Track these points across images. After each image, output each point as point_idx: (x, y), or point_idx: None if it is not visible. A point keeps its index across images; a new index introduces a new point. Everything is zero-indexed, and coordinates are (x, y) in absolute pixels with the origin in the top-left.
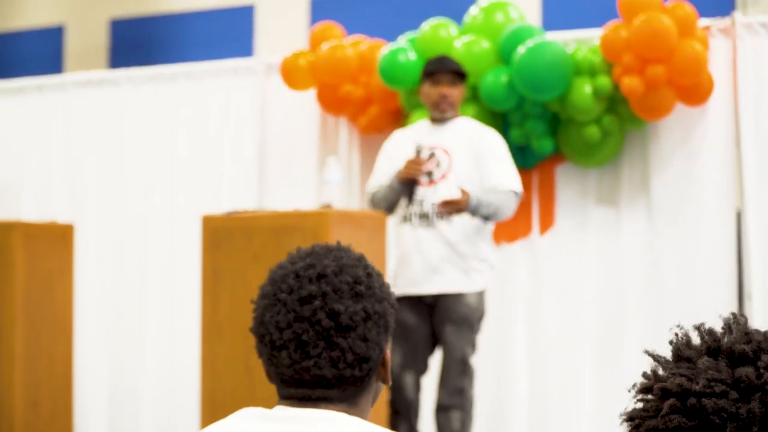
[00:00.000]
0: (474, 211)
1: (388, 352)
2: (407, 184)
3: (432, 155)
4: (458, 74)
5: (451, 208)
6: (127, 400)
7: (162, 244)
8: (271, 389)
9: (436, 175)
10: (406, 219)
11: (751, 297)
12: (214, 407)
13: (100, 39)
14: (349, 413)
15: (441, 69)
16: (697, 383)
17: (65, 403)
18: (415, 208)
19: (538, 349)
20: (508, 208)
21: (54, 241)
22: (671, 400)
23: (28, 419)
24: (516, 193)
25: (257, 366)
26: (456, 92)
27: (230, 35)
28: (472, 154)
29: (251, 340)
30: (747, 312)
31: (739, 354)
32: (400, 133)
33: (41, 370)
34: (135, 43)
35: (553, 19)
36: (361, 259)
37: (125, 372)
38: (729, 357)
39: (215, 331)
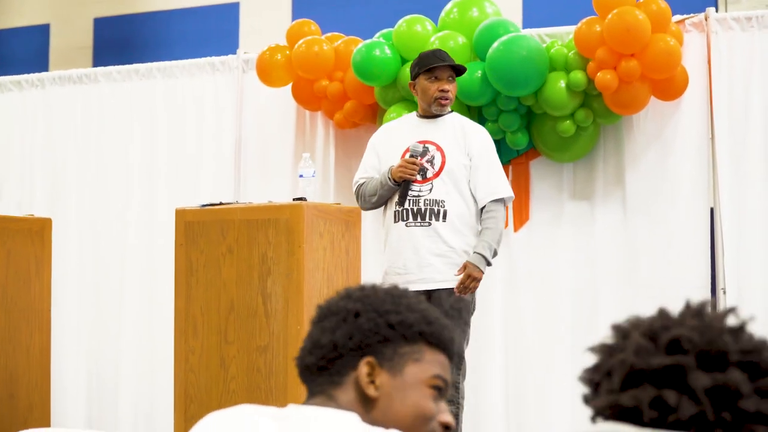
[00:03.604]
0: (489, 261)
1: (365, 366)
2: (401, 184)
3: (426, 150)
4: (457, 70)
5: (473, 286)
6: (105, 393)
7: (140, 239)
8: (244, 383)
9: (430, 172)
10: (399, 216)
11: (725, 291)
12: (188, 401)
13: (85, 37)
14: (328, 405)
15: (441, 64)
16: (671, 320)
17: (42, 396)
18: (409, 206)
19: (515, 342)
20: (502, 222)
21: (32, 235)
22: (640, 331)
23: (5, 412)
24: (503, 199)
25: (231, 360)
26: (453, 88)
27: (215, 33)
28: (462, 151)
29: (225, 334)
30: (721, 305)
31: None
32: (388, 127)
33: (18, 363)
34: (120, 42)
35: (533, 17)
36: (406, 294)
37: (103, 365)
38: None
39: (190, 324)
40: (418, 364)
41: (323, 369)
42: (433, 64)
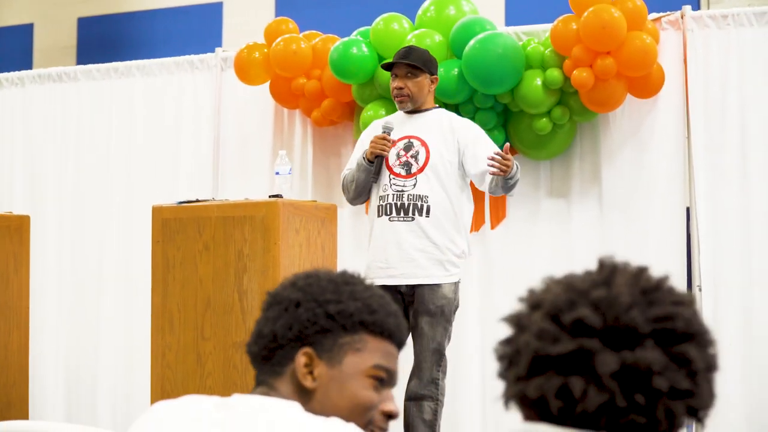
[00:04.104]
0: (513, 176)
1: (302, 357)
2: (374, 163)
3: (410, 144)
4: (413, 65)
5: (503, 163)
6: (84, 390)
7: (119, 236)
8: (220, 380)
9: (414, 168)
10: (383, 211)
11: (701, 288)
12: (165, 397)
13: (69, 37)
14: (270, 395)
15: (396, 61)
16: (577, 292)
17: (20, 394)
18: (393, 201)
19: (492, 340)
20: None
21: (10, 232)
22: (544, 310)
23: None
24: (518, 166)
25: (207, 356)
26: (412, 84)
27: (199, 32)
28: (448, 146)
29: (202, 330)
30: (696, 303)
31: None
32: (378, 123)
33: None
34: (103, 41)
35: (516, 15)
36: (358, 279)
37: (82, 362)
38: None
39: (166, 321)
40: (358, 354)
41: (266, 359)
42: (390, 62)
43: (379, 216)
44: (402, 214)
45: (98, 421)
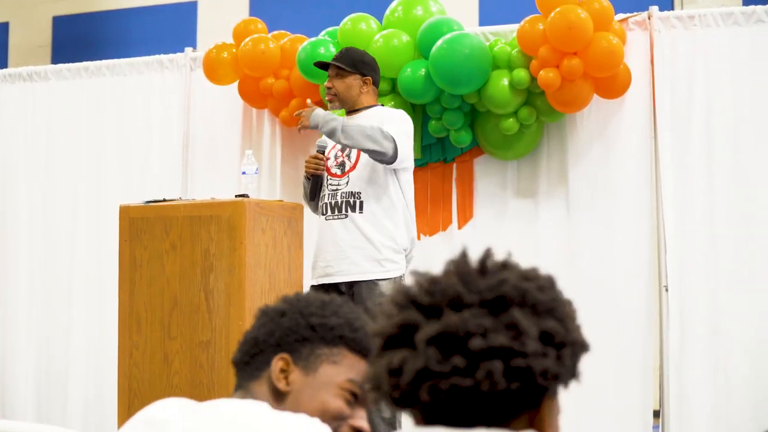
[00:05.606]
0: (324, 126)
1: (279, 362)
2: (312, 179)
3: (344, 149)
4: (339, 66)
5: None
6: (54, 388)
7: (89, 235)
8: (187, 378)
9: (347, 166)
10: (321, 211)
11: (667, 288)
12: (132, 396)
13: (44, 35)
14: (245, 398)
15: (324, 62)
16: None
17: None
18: (328, 200)
19: None
20: (369, 137)
21: None
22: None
23: None
24: (383, 132)
25: (174, 355)
26: (339, 84)
27: (173, 31)
28: None
29: (168, 329)
30: (663, 302)
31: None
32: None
33: None
34: (78, 40)
35: (489, 16)
36: (338, 302)
37: (52, 360)
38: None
39: (134, 320)
40: (334, 366)
41: (246, 364)
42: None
43: (320, 216)
44: (336, 212)
45: (69, 421)
